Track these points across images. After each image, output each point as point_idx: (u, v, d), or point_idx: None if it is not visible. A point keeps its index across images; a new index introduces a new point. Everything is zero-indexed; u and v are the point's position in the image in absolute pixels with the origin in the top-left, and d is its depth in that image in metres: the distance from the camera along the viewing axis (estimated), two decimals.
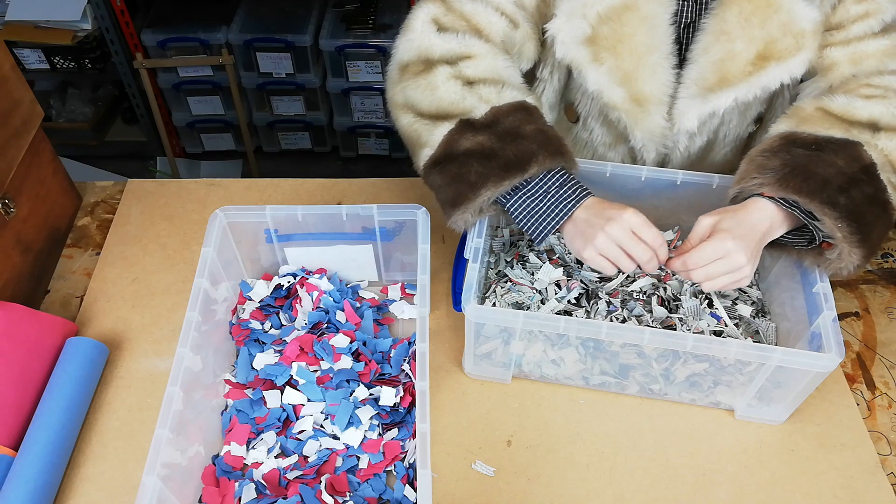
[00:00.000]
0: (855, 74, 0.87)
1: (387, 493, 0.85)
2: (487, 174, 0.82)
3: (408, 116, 0.89)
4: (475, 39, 0.88)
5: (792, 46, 0.85)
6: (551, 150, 0.82)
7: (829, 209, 0.77)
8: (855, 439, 0.91)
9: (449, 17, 0.90)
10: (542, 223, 0.84)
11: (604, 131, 1.00)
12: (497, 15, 0.90)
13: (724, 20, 0.86)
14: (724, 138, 1.00)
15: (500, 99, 0.85)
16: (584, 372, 0.92)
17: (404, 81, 0.90)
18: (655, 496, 0.86)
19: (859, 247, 0.79)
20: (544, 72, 0.99)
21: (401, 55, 0.91)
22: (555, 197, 0.83)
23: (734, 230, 0.79)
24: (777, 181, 0.80)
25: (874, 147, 0.81)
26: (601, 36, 0.87)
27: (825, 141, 0.81)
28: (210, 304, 0.91)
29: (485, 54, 0.88)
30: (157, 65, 2.27)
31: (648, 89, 0.90)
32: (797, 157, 0.81)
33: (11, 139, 1.01)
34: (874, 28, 0.86)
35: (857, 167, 0.80)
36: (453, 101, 0.86)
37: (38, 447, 0.84)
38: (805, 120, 0.85)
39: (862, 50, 0.87)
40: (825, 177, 0.78)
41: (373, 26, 2.26)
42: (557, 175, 0.83)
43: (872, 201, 0.80)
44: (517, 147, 0.82)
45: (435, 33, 0.89)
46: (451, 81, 0.86)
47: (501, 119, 0.84)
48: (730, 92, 0.88)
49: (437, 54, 0.88)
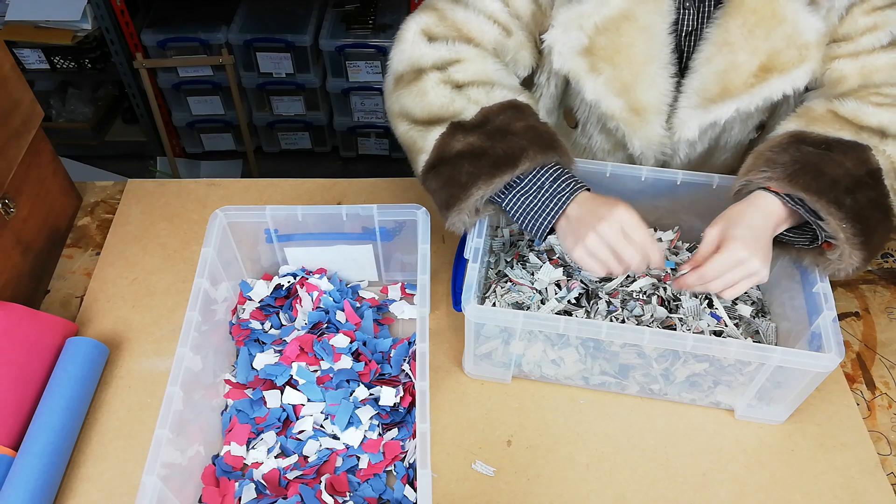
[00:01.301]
0: (864, 86, 0.87)
1: (387, 493, 0.85)
2: (478, 173, 0.81)
3: (403, 124, 0.90)
4: (465, 46, 0.89)
5: (795, 58, 0.85)
6: (542, 145, 0.82)
7: (835, 209, 0.77)
8: (855, 439, 0.91)
9: (441, 26, 0.90)
10: (539, 220, 0.83)
11: (602, 138, 1.00)
12: (490, 23, 0.90)
13: (728, 31, 0.85)
14: (725, 145, 1.00)
15: (489, 99, 0.85)
16: (584, 372, 0.92)
17: (398, 91, 0.90)
18: (655, 496, 0.86)
19: (861, 249, 0.79)
20: (541, 78, 0.99)
21: (395, 66, 0.92)
22: (549, 192, 0.82)
23: (744, 237, 0.79)
24: (787, 176, 0.79)
25: (882, 153, 0.81)
26: (598, 46, 0.87)
27: (835, 142, 0.81)
28: (210, 304, 0.91)
29: (473, 58, 0.88)
30: (157, 65, 2.27)
31: (646, 99, 0.89)
32: (807, 155, 0.80)
33: (11, 139, 1.01)
34: (882, 41, 0.86)
35: (864, 170, 0.80)
36: (443, 105, 0.86)
37: (38, 447, 0.84)
38: (815, 120, 0.85)
39: (872, 63, 0.87)
40: (834, 176, 0.78)
41: (373, 26, 2.27)
42: (551, 170, 0.83)
43: (875, 206, 0.80)
44: (507, 144, 0.81)
45: (426, 43, 0.89)
46: (441, 86, 0.87)
47: (491, 118, 0.84)
48: (731, 103, 0.87)
49: (429, 63, 0.88)
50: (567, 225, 0.83)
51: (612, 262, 0.80)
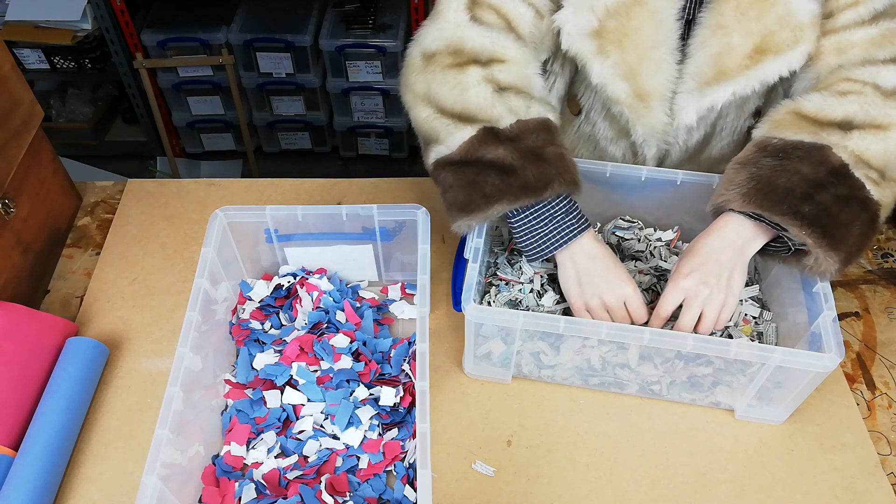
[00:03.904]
0: (841, 64, 0.86)
1: (387, 493, 0.85)
2: (504, 190, 0.81)
3: (427, 110, 0.87)
4: (507, 38, 0.87)
5: (790, 39, 0.85)
6: (568, 179, 0.83)
7: (792, 219, 0.78)
8: (855, 439, 0.91)
9: (479, 8, 0.87)
10: (541, 246, 0.85)
11: (606, 125, 1.00)
12: (525, 5, 0.88)
13: (721, 14, 0.85)
14: (722, 132, 0.99)
15: (527, 113, 0.84)
16: (583, 372, 0.92)
17: (429, 72, 0.86)
18: (655, 496, 0.86)
19: (833, 250, 0.79)
20: (556, 65, 0.98)
21: (428, 43, 0.88)
22: (559, 223, 0.84)
23: (684, 268, 0.83)
24: (741, 197, 0.81)
25: (843, 148, 0.81)
26: (608, 29, 0.87)
27: (792, 147, 0.82)
28: (210, 304, 0.92)
29: (517, 60, 0.87)
30: (157, 65, 2.27)
31: (652, 84, 0.90)
32: (762, 169, 0.81)
33: (11, 139, 1.01)
34: (864, 16, 0.85)
35: (823, 171, 0.79)
36: (481, 106, 0.84)
37: (38, 447, 0.84)
38: (778, 125, 0.85)
39: (847, 39, 0.86)
40: (787, 187, 0.79)
41: (373, 26, 2.26)
42: (565, 202, 0.84)
43: (846, 201, 0.79)
44: (538, 169, 0.81)
45: (469, 24, 0.86)
46: (483, 85, 0.84)
47: (526, 135, 0.83)
48: (727, 86, 0.88)
49: (469, 47, 0.85)
50: (572, 268, 0.86)
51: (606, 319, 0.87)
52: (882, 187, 0.81)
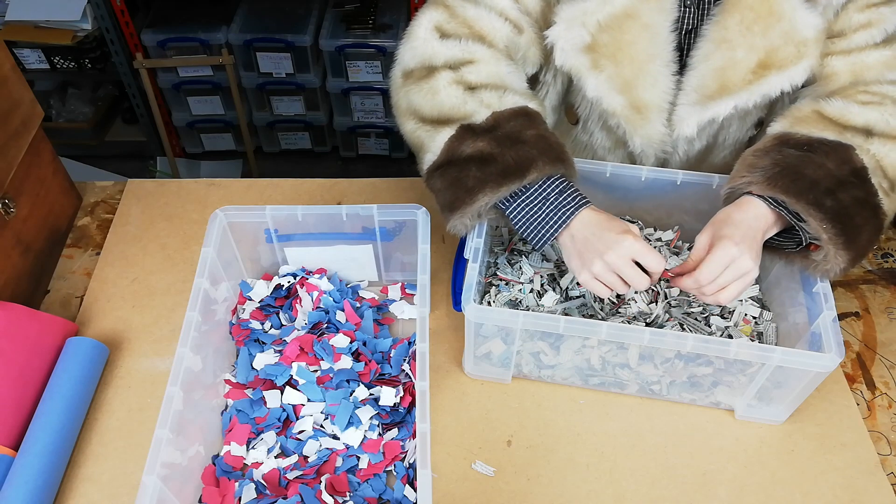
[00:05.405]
0: (855, 83, 0.87)
1: (387, 493, 0.85)
2: (485, 179, 0.81)
3: (411, 122, 0.89)
4: (478, 45, 0.88)
5: (793, 55, 0.85)
6: (552, 157, 0.82)
7: (815, 210, 0.78)
8: (855, 439, 0.91)
9: (452, 23, 0.89)
10: (542, 231, 0.83)
11: (603, 135, 1.00)
12: (501, 20, 0.89)
13: (726, 28, 0.85)
14: (724, 142, 1.00)
15: (501, 104, 0.84)
16: (583, 372, 0.92)
17: (407, 87, 0.89)
18: (655, 496, 0.86)
19: (845, 249, 0.79)
20: (547, 76, 0.99)
21: (405, 62, 0.90)
22: (554, 204, 0.82)
23: (734, 235, 0.79)
24: (766, 180, 0.80)
25: (866, 151, 0.81)
26: (601, 44, 0.87)
27: (817, 142, 0.81)
28: (210, 304, 0.92)
29: (487, 59, 0.87)
30: (157, 65, 2.27)
31: (648, 97, 0.89)
32: (788, 158, 0.81)
33: (11, 139, 1.01)
34: (876, 38, 0.86)
35: (847, 170, 0.80)
36: (454, 106, 0.85)
37: (38, 447, 0.84)
38: (800, 121, 0.85)
39: (862, 61, 0.87)
40: (813, 178, 0.79)
41: (373, 26, 2.26)
42: (557, 182, 0.83)
43: (862, 204, 0.79)
44: (517, 152, 0.81)
45: (438, 40, 0.88)
46: (453, 86, 0.86)
47: (502, 124, 0.83)
48: (730, 100, 0.88)
49: (441, 61, 0.87)
50: (572, 245, 0.83)
51: (618, 285, 0.81)
52: (890, 199, 0.81)
